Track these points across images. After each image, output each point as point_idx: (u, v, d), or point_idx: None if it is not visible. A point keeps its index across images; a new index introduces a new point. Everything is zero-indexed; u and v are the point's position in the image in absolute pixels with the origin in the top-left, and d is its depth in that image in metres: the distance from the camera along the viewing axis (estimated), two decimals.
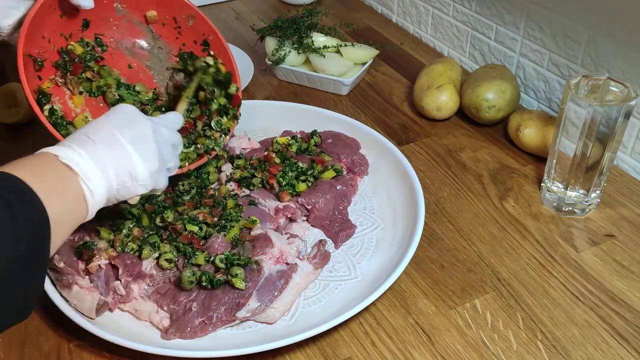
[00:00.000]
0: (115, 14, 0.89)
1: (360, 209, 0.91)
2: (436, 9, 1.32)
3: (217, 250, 0.77)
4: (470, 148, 1.04)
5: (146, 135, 0.67)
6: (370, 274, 0.80)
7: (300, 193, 0.87)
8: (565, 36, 1.03)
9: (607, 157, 0.83)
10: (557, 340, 0.72)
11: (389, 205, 0.90)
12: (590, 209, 0.90)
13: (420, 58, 1.32)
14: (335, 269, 0.81)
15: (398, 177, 0.92)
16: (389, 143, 0.97)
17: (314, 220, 0.87)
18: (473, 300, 0.77)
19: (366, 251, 0.84)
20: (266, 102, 1.09)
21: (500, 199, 0.93)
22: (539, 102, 1.13)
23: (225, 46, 0.91)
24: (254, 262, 0.75)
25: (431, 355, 0.71)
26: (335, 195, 0.88)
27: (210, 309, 0.72)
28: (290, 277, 0.76)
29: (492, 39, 1.19)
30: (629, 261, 0.82)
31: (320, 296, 0.77)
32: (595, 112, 0.79)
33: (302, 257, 0.79)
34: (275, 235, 0.79)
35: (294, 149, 0.95)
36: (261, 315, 0.73)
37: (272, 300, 0.74)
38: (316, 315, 0.74)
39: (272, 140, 0.98)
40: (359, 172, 0.95)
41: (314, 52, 1.18)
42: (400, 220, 0.86)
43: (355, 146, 0.99)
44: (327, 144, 0.97)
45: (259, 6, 1.57)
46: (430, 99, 1.07)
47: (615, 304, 0.76)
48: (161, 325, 0.73)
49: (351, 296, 0.76)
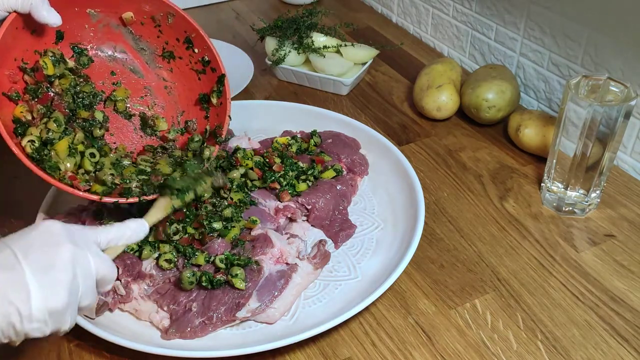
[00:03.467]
0: (90, 20, 0.84)
1: (360, 209, 0.91)
2: (436, 9, 1.32)
3: (217, 250, 0.77)
4: (470, 148, 1.04)
5: (59, 264, 0.54)
6: (370, 274, 0.79)
7: (300, 193, 0.87)
8: (565, 36, 1.03)
9: (607, 157, 0.83)
10: (557, 340, 0.72)
11: (389, 205, 0.90)
12: (590, 209, 0.90)
13: (420, 58, 1.32)
14: (335, 269, 0.81)
15: (398, 177, 0.92)
16: (389, 143, 0.97)
17: (314, 220, 0.87)
18: (473, 300, 0.77)
19: (366, 251, 0.84)
20: (266, 102, 1.09)
21: (500, 199, 0.93)
22: (539, 102, 1.13)
23: (209, 43, 0.87)
24: (254, 262, 0.75)
25: (431, 355, 0.71)
26: (335, 195, 0.88)
27: (210, 309, 0.72)
28: (290, 277, 0.76)
29: (492, 39, 1.19)
30: (629, 261, 0.82)
31: (320, 296, 0.77)
32: (595, 112, 0.79)
33: (302, 257, 0.79)
34: (275, 235, 0.79)
35: (294, 149, 0.95)
36: (261, 315, 0.73)
37: (272, 300, 0.74)
38: (316, 315, 0.74)
39: (272, 140, 0.98)
40: (359, 172, 0.95)
41: (314, 52, 1.18)
42: (401, 220, 0.86)
43: (355, 146, 0.99)
44: (327, 144, 0.97)
45: (259, 6, 1.57)
46: (430, 99, 1.07)
47: (615, 304, 0.76)
48: (161, 325, 0.73)
49: (351, 296, 0.76)
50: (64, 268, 0.54)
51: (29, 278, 0.52)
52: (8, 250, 0.53)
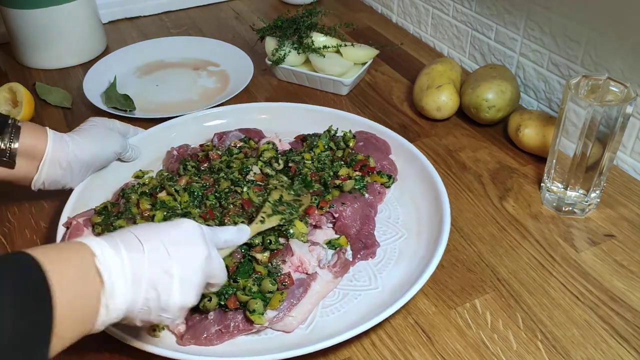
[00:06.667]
0: None
1: (384, 217, 0.88)
2: (436, 9, 1.32)
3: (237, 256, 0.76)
4: (470, 148, 1.04)
5: (197, 265, 0.59)
6: (391, 285, 0.77)
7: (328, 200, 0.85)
8: (565, 36, 1.03)
9: (607, 157, 0.83)
10: (557, 340, 0.72)
11: (414, 215, 0.87)
12: (590, 209, 0.90)
13: (420, 58, 1.32)
14: (356, 278, 0.79)
15: (424, 185, 0.89)
16: (415, 149, 0.94)
17: (340, 229, 0.84)
18: (473, 300, 0.77)
19: (388, 261, 0.81)
20: (293, 105, 1.08)
21: (500, 199, 0.93)
22: (539, 102, 1.13)
23: None
24: (282, 282, 0.74)
25: (431, 355, 0.71)
26: (363, 204, 0.86)
27: (227, 318, 0.71)
28: (309, 285, 0.74)
29: (492, 39, 1.19)
30: (629, 261, 0.82)
31: (338, 305, 0.75)
32: (595, 112, 0.79)
33: (322, 266, 0.77)
34: (297, 244, 0.78)
35: (326, 160, 0.93)
36: (278, 324, 0.72)
37: (290, 309, 0.72)
38: (333, 324, 0.72)
39: (301, 139, 0.98)
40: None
41: (314, 52, 1.18)
42: (425, 231, 0.84)
43: (386, 150, 0.97)
44: (358, 147, 0.95)
45: (259, 6, 1.57)
46: (430, 99, 1.07)
47: (615, 304, 0.76)
48: (177, 331, 0.72)
49: (370, 307, 0.74)
50: (200, 269, 0.59)
51: (175, 274, 0.56)
52: (161, 246, 0.57)
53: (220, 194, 0.85)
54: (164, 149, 0.99)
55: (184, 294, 0.57)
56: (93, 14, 1.31)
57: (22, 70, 1.29)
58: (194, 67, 1.29)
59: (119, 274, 0.53)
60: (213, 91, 1.21)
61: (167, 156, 0.98)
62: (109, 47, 1.37)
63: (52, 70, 1.29)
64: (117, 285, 0.53)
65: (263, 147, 0.94)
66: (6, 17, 1.24)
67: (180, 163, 0.93)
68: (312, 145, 0.96)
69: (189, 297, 0.58)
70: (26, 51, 1.28)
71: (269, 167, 0.91)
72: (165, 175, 0.91)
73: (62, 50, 1.28)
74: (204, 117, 1.05)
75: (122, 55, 1.30)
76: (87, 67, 1.24)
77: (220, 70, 1.27)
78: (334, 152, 0.96)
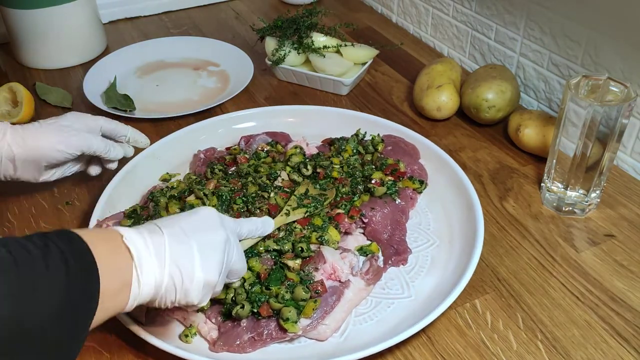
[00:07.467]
0: None
1: (415, 224, 0.87)
2: (436, 9, 1.32)
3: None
4: (470, 148, 1.04)
5: (217, 245, 0.62)
6: (424, 293, 0.76)
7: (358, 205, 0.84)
8: (565, 36, 1.03)
9: (607, 157, 0.83)
10: (557, 340, 0.72)
11: (445, 221, 0.87)
12: (590, 209, 0.90)
13: (420, 58, 1.32)
14: (388, 286, 0.78)
15: (454, 191, 0.89)
16: (445, 155, 0.93)
17: (370, 234, 0.83)
18: (473, 300, 0.77)
19: (420, 269, 0.80)
20: (319, 108, 1.08)
21: (500, 199, 0.93)
22: (539, 102, 1.13)
23: None
24: (313, 281, 0.73)
25: (431, 355, 0.71)
26: (394, 209, 0.85)
27: (261, 325, 0.70)
28: (342, 293, 0.73)
29: (492, 39, 1.19)
30: (629, 261, 0.82)
31: (372, 314, 0.75)
32: (595, 112, 0.79)
33: (354, 273, 0.76)
34: (328, 251, 0.77)
35: (356, 164, 0.92)
36: (312, 332, 0.71)
37: (323, 317, 0.71)
38: (367, 333, 0.72)
39: (328, 143, 0.98)
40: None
41: (314, 52, 1.18)
42: (457, 238, 0.83)
43: (415, 155, 0.96)
44: (387, 151, 0.94)
45: (259, 6, 1.57)
46: (430, 99, 1.07)
47: (615, 304, 0.76)
48: (209, 337, 0.71)
49: (403, 316, 0.73)
50: (220, 249, 0.61)
51: (195, 252, 0.59)
52: (179, 230, 0.60)
53: (248, 198, 0.84)
54: (188, 152, 0.99)
55: (206, 270, 0.59)
56: (93, 14, 1.31)
57: (22, 70, 1.29)
58: (194, 67, 1.29)
59: (145, 251, 0.56)
60: (213, 91, 1.21)
61: (195, 159, 0.98)
62: (109, 47, 1.37)
63: (52, 70, 1.29)
64: (144, 260, 0.56)
65: (291, 152, 0.93)
66: (6, 17, 1.24)
67: (207, 166, 0.93)
68: (339, 149, 0.95)
69: (211, 274, 0.60)
70: (26, 51, 1.28)
71: (297, 173, 0.90)
72: (193, 178, 0.90)
73: (62, 50, 1.28)
74: (230, 120, 1.05)
75: (122, 55, 1.30)
76: (87, 67, 1.24)
77: (221, 70, 1.27)
78: (362, 156, 0.95)
